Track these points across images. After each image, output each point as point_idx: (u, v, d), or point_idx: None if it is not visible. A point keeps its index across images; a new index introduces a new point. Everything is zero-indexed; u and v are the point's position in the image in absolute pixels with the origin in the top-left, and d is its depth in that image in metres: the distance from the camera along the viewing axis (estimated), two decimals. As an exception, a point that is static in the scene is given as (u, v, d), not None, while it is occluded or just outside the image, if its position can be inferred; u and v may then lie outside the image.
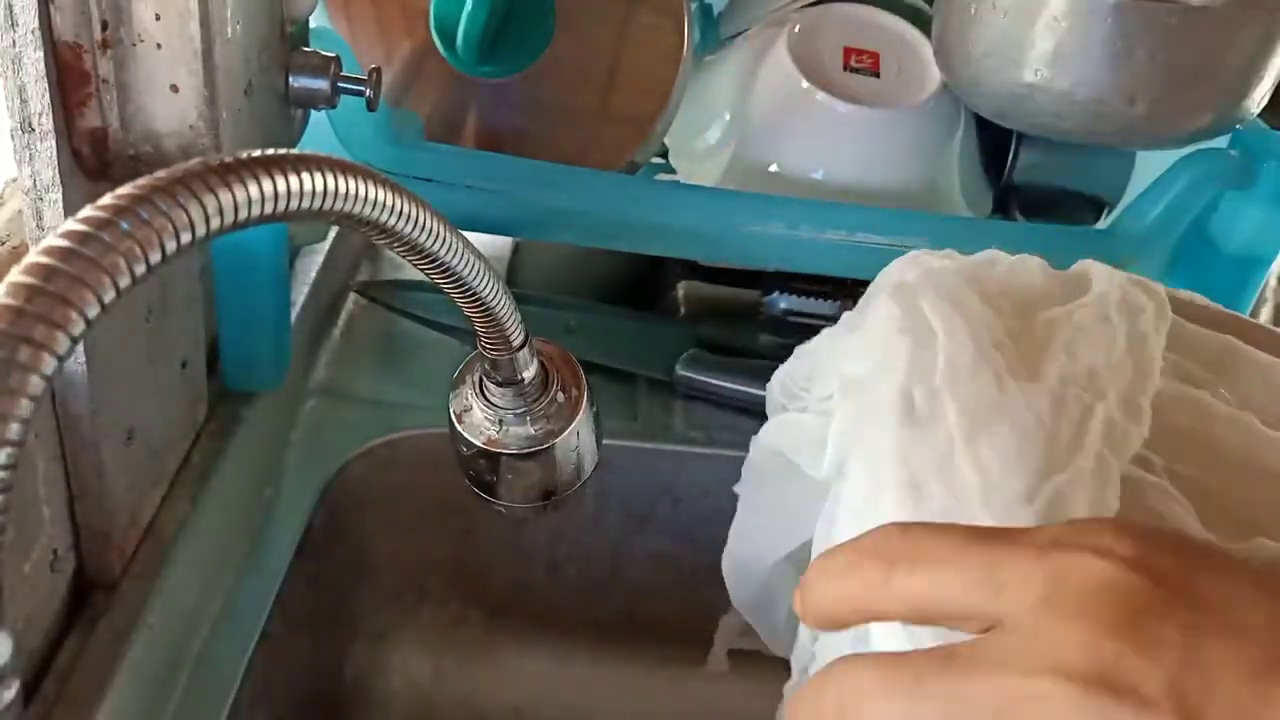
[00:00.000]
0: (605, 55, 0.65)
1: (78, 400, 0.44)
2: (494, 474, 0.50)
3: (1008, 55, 0.60)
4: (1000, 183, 0.71)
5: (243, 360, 0.60)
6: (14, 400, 0.25)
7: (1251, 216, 0.59)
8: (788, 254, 0.61)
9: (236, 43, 0.41)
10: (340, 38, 0.59)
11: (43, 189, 0.39)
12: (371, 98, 0.48)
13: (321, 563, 0.63)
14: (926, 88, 0.69)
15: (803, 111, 0.67)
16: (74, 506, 0.47)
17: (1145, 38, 0.56)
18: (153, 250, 0.27)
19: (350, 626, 0.71)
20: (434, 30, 0.62)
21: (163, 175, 0.28)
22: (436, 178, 0.57)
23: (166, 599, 0.50)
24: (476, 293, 0.41)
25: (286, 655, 0.59)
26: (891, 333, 0.38)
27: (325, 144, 0.56)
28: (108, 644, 0.47)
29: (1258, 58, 0.58)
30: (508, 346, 0.45)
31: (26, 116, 0.38)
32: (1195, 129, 0.60)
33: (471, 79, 0.63)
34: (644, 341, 0.72)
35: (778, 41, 0.69)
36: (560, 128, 0.65)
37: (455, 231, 0.39)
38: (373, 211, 0.35)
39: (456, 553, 0.71)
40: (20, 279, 0.26)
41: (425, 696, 0.73)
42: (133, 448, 0.49)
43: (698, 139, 0.71)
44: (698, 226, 0.60)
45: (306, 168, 0.31)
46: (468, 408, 0.49)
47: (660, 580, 0.71)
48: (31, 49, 0.37)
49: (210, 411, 0.59)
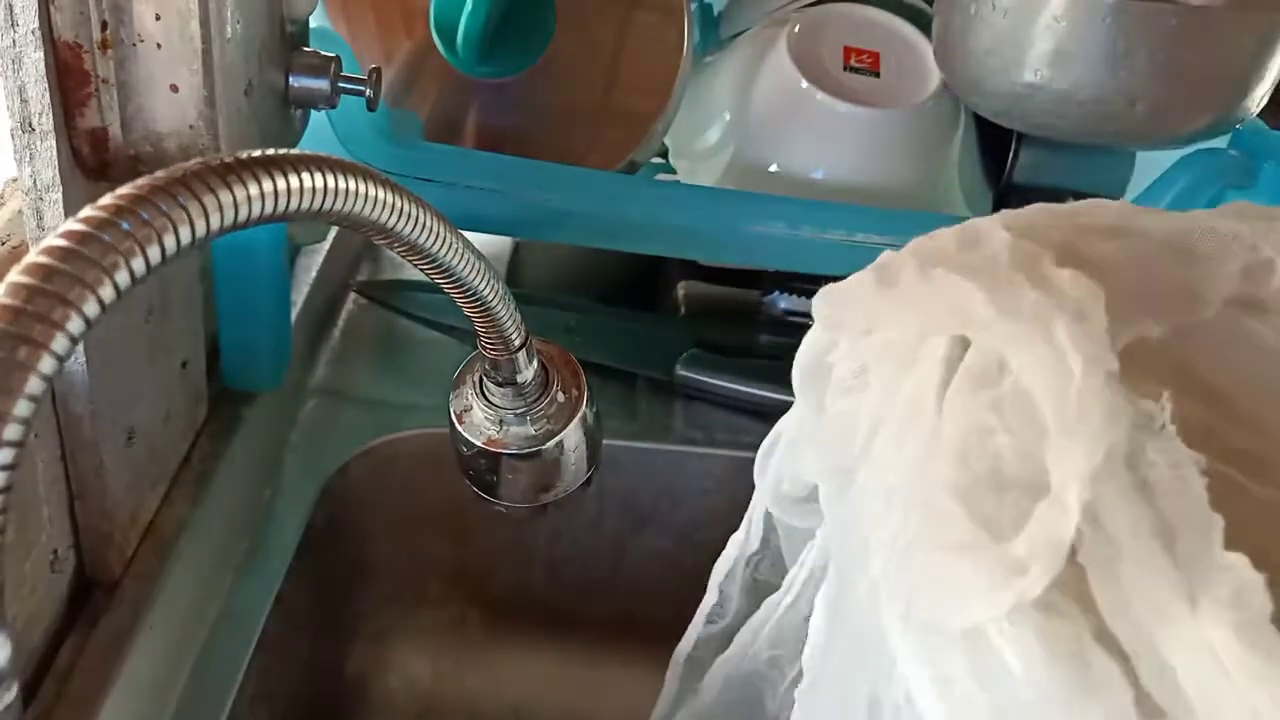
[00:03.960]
0: (605, 55, 0.65)
1: (78, 400, 0.44)
2: (494, 474, 0.50)
3: (1008, 55, 0.60)
4: (1000, 183, 0.71)
5: (242, 360, 0.60)
6: (14, 400, 0.25)
7: (1252, 216, 0.59)
8: (788, 254, 0.61)
9: (236, 43, 0.41)
10: (340, 38, 0.59)
11: (43, 189, 0.39)
12: (371, 98, 0.48)
13: (321, 563, 0.63)
14: (927, 87, 0.69)
15: (803, 111, 0.67)
16: (74, 506, 0.47)
17: (1145, 38, 0.56)
18: (153, 250, 0.27)
19: (350, 626, 0.71)
20: (434, 30, 0.62)
21: (162, 175, 0.28)
22: (436, 178, 0.57)
23: (166, 599, 0.50)
24: (477, 293, 0.41)
25: (286, 655, 0.59)
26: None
27: (325, 144, 0.56)
28: (108, 644, 0.47)
29: (1258, 58, 0.58)
30: (508, 347, 0.45)
31: (26, 116, 0.38)
32: (1195, 129, 0.60)
33: (471, 79, 0.63)
34: (644, 341, 0.72)
35: (778, 41, 0.69)
36: (560, 128, 0.65)
37: (455, 231, 0.39)
38: (373, 211, 0.35)
39: (456, 553, 0.71)
40: (20, 279, 0.26)
41: (425, 696, 0.73)
42: (133, 448, 0.49)
43: (698, 139, 0.71)
44: (698, 226, 0.60)
45: (306, 168, 0.31)
46: (468, 408, 0.49)
47: (660, 580, 0.71)
48: (31, 49, 0.37)
49: (210, 411, 0.59)
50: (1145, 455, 0.28)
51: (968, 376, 0.31)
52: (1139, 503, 0.28)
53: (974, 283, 0.32)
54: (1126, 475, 0.28)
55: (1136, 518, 0.28)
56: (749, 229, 0.59)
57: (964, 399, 0.31)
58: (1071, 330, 0.29)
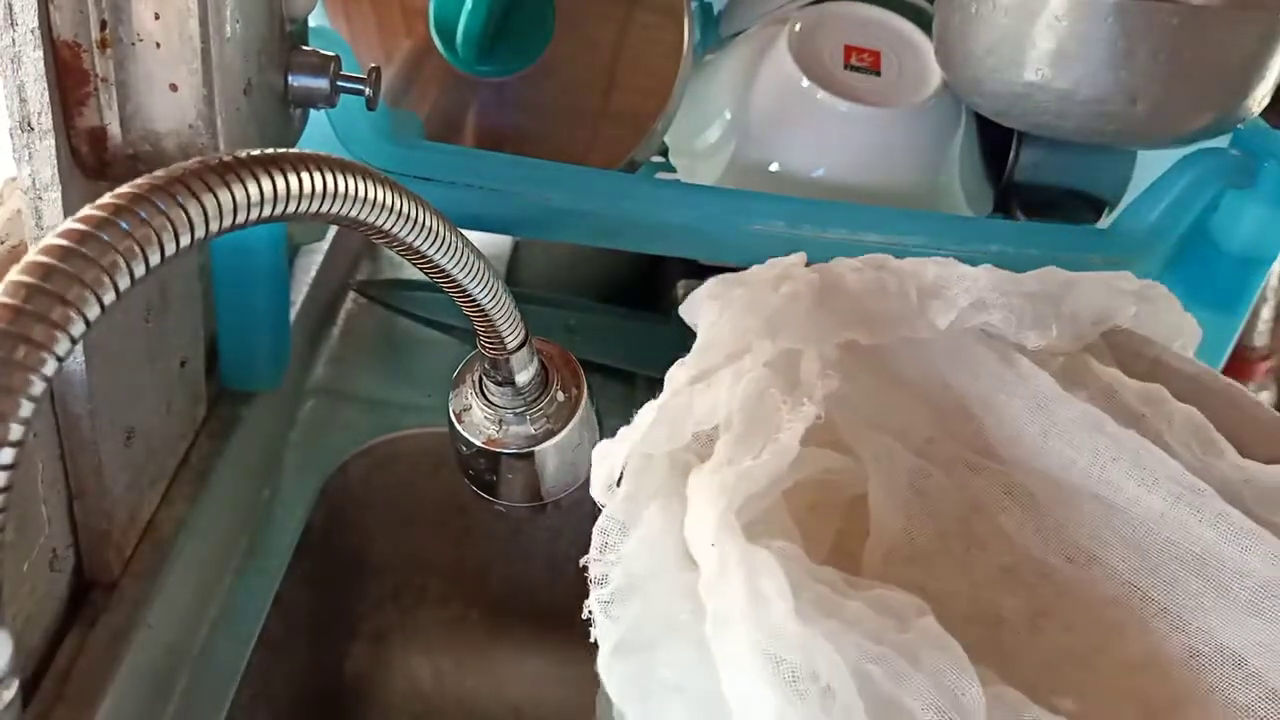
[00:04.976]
0: (605, 54, 0.65)
1: (77, 400, 0.44)
2: (494, 473, 0.50)
3: (1009, 54, 0.60)
4: (1001, 182, 0.71)
5: (242, 359, 0.60)
6: (14, 400, 0.25)
7: (1252, 216, 0.59)
8: (789, 253, 0.61)
9: (236, 42, 0.41)
10: (340, 37, 0.59)
11: (42, 188, 0.39)
12: (371, 97, 0.48)
13: (321, 562, 0.63)
14: (927, 86, 0.69)
15: (803, 110, 0.67)
16: (73, 506, 0.47)
17: (1146, 37, 0.56)
18: (152, 250, 0.27)
19: (350, 626, 0.71)
20: (434, 29, 0.62)
21: (162, 175, 0.28)
22: (436, 177, 0.57)
23: (166, 598, 0.50)
24: (477, 292, 0.41)
25: (286, 655, 0.59)
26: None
27: (325, 143, 0.55)
28: (107, 643, 0.47)
29: (1259, 57, 0.58)
30: (507, 346, 0.45)
31: (25, 115, 0.38)
32: (1196, 128, 0.60)
33: (471, 78, 0.63)
34: (644, 341, 0.72)
35: (778, 40, 0.69)
36: (560, 127, 0.64)
37: (455, 231, 0.39)
38: (373, 211, 0.35)
39: (456, 553, 0.71)
40: (20, 278, 0.26)
41: (425, 696, 0.72)
42: (132, 447, 0.49)
43: (698, 138, 0.71)
44: (698, 226, 0.59)
45: (306, 167, 0.31)
46: (468, 407, 0.49)
47: (660, 580, 0.71)
48: (31, 48, 0.37)
49: (209, 411, 0.59)
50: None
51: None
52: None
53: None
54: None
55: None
56: (749, 228, 0.59)
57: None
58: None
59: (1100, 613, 0.47)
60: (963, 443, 0.51)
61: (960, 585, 0.48)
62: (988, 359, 0.52)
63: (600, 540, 0.42)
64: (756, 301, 0.47)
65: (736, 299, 0.47)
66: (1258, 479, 0.48)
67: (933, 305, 0.50)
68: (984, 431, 0.51)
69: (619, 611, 0.41)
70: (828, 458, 0.47)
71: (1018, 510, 0.50)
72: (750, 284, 0.49)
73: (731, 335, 0.46)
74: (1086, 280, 0.53)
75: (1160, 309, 0.55)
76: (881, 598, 0.40)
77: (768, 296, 0.47)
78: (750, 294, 0.48)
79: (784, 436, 0.42)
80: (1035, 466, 0.50)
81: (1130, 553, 0.48)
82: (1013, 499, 0.50)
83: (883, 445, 0.49)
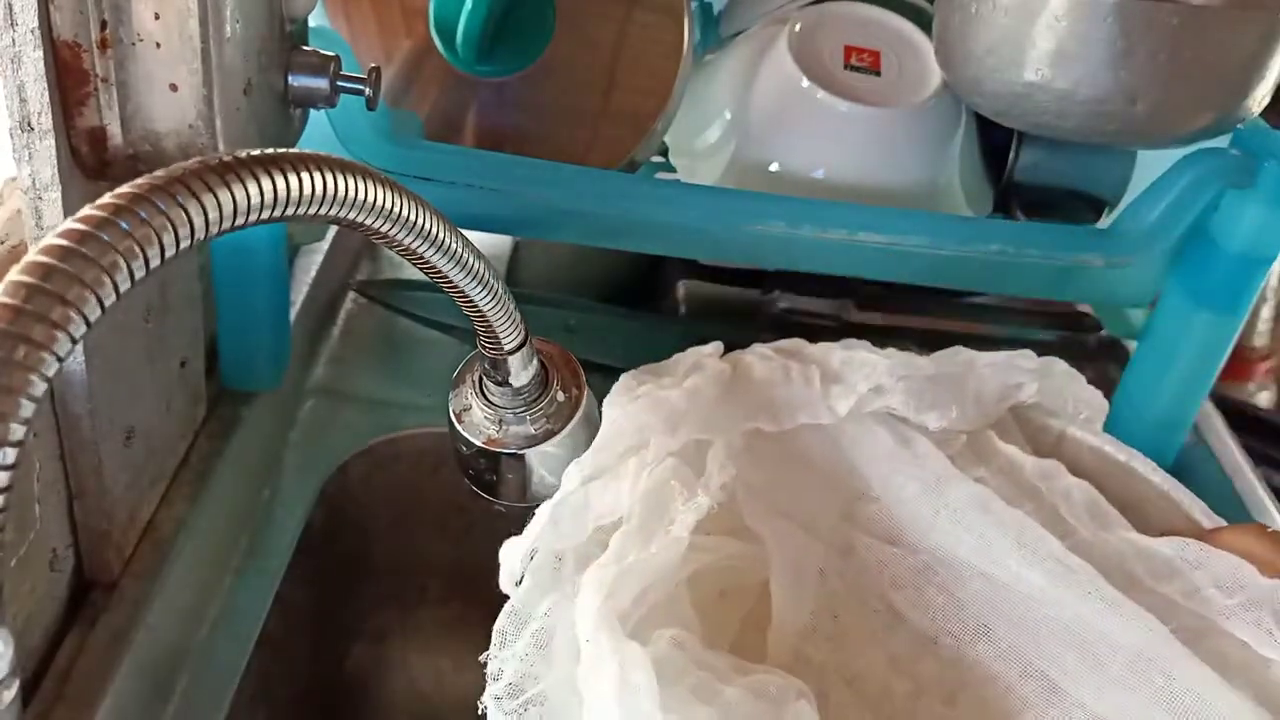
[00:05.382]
0: (605, 55, 0.65)
1: (77, 400, 0.44)
2: (494, 473, 0.50)
3: (1009, 54, 0.59)
4: (1001, 182, 0.71)
5: (241, 360, 0.60)
6: (14, 400, 0.25)
7: (1252, 216, 0.59)
8: (789, 253, 0.61)
9: (236, 42, 0.41)
10: (340, 37, 0.59)
11: (42, 188, 0.39)
12: (371, 97, 0.48)
13: (321, 562, 0.63)
14: (927, 87, 0.69)
15: (803, 110, 0.67)
16: (73, 506, 0.47)
17: (1146, 37, 0.56)
18: (152, 250, 0.27)
19: (350, 626, 0.71)
20: (434, 29, 0.62)
21: (162, 175, 0.28)
22: (436, 177, 0.57)
23: (166, 598, 0.50)
24: (476, 293, 0.41)
25: (286, 655, 0.59)
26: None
27: (325, 143, 0.55)
28: (107, 643, 0.47)
29: (1259, 57, 0.58)
30: (507, 347, 0.45)
31: (25, 115, 0.38)
32: (1196, 128, 0.60)
33: (471, 78, 0.63)
34: (644, 341, 0.72)
35: (778, 40, 0.69)
36: (560, 127, 0.64)
37: (455, 231, 0.39)
38: (373, 212, 0.35)
39: (456, 553, 0.71)
40: (20, 278, 0.26)
41: (425, 696, 0.73)
42: (132, 447, 0.49)
43: (698, 138, 0.71)
44: (698, 226, 0.59)
45: (306, 167, 0.31)
46: (468, 407, 0.49)
47: (660, 580, 0.71)
48: (31, 48, 0.37)
49: (209, 411, 0.59)
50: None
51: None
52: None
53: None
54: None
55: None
56: (749, 228, 0.59)
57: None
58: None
59: (990, 689, 0.49)
60: (870, 523, 0.53)
61: (875, 660, 0.50)
62: (887, 441, 0.54)
63: (498, 638, 0.43)
64: (659, 397, 0.49)
65: (641, 395, 0.49)
66: (1149, 551, 0.50)
67: (833, 391, 0.53)
68: (888, 512, 0.53)
69: (511, 706, 0.42)
70: (728, 544, 0.49)
71: (915, 589, 0.52)
72: (658, 378, 0.51)
73: (632, 430, 0.48)
74: (987, 360, 0.56)
75: (1061, 384, 0.58)
76: (762, 682, 0.41)
77: (671, 391, 0.49)
78: (654, 389, 0.49)
79: (675, 528, 0.44)
80: (931, 545, 0.52)
81: (1014, 629, 0.49)
82: (920, 576, 0.52)
83: (786, 529, 0.51)
